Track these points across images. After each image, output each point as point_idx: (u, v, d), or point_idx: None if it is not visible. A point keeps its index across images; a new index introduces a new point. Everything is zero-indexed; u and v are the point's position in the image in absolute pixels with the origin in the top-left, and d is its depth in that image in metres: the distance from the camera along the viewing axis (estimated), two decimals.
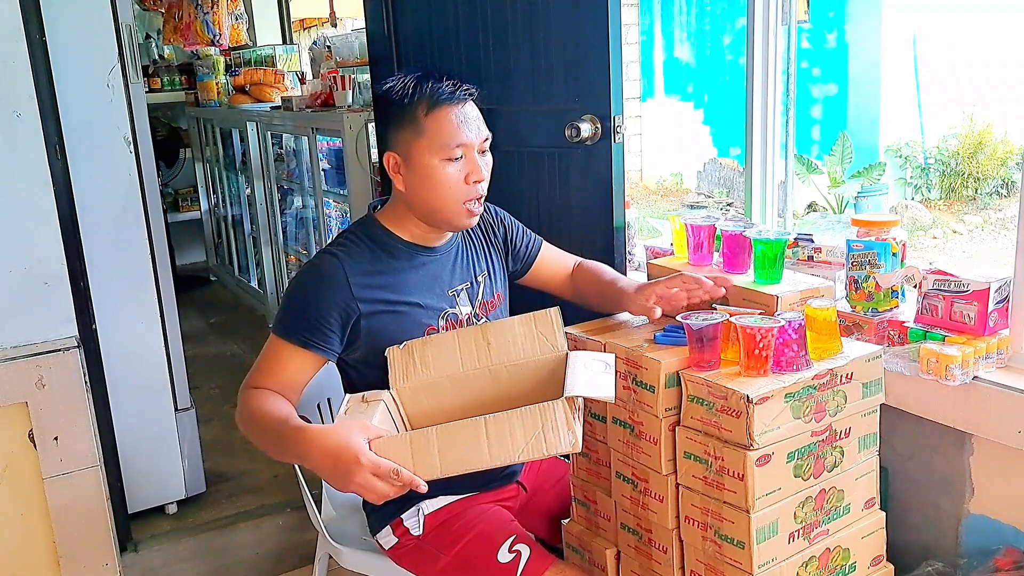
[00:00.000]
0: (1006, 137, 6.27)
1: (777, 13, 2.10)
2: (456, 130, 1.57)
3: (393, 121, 1.61)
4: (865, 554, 1.56)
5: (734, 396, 1.35)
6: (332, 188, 3.69)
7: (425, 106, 1.56)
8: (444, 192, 1.58)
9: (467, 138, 1.58)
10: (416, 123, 1.57)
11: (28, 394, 1.99)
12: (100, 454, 2.09)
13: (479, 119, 1.61)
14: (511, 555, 1.58)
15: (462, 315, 1.70)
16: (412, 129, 1.57)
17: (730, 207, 6.82)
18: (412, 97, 1.57)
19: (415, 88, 1.57)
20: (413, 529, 1.69)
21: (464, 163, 1.58)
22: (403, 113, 1.58)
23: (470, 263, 1.74)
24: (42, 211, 2.04)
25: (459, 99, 1.58)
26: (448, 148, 1.56)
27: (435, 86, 1.57)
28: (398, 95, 1.58)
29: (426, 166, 1.58)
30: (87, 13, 2.30)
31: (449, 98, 1.57)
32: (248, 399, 1.56)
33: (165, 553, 2.49)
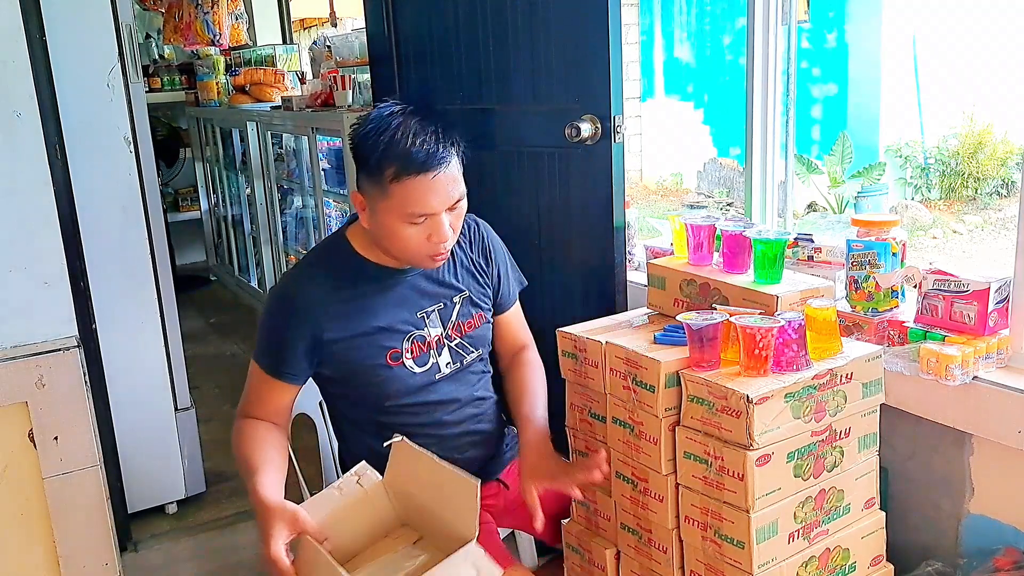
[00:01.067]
0: (1006, 137, 6.26)
1: (777, 13, 2.10)
2: (422, 201, 1.50)
3: (361, 169, 1.56)
4: (865, 554, 1.56)
5: (734, 396, 1.35)
6: (332, 188, 3.69)
7: (392, 172, 1.49)
8: (404, 246, 1.56)
9: (433, 208, 1.52)
10: (382, 185, 1.51)
11: (28, 394, 1.99)
12: (100, 454, 2.09)
13: (453, 181, 1.53)
14: None
15: (430, 337, 1.67)
16: (378, 188, 1.52)
17: (730, 207, 6.81)
18: (382, 157, 1.50)
19: (386, 148, 1.50)
20: None
21: (428, 224, 1.53)
22: (369, 167, 1.52)
23: (446, 283, 1.70)
24: (42, 211, 2.04)
25: (431, 168, 1.49)
26: (411, 215, 1.52)
27: (407, 150, 1.48)
28: (367, 149, 1.52)
29: (389, 224, 1.54)
30: (87, 13, 2.30)
31: (420, 168, 1.49)
32: (237, 431, 1.62)
33: (165, 553, 2.49)
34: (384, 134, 1.50)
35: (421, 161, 1.48)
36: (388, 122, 1.51)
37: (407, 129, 1.50)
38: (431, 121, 1.52)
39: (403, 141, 1.49)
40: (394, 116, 1.52)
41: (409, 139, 1.49)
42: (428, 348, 1.67)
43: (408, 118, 1.52)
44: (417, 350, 1.67)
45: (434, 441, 1.66)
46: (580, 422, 1.68)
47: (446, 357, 1.70)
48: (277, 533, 1.37)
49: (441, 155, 1.50)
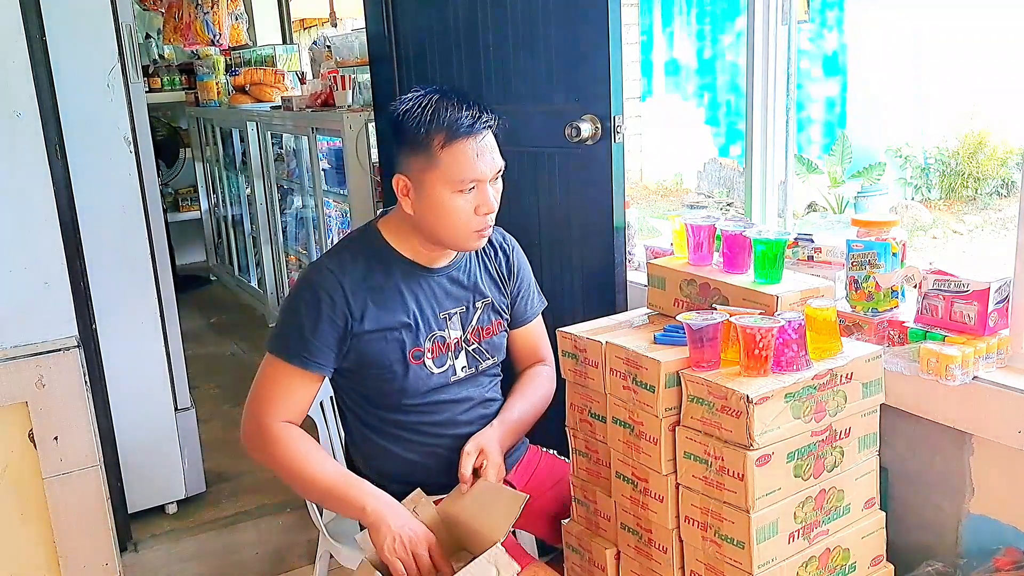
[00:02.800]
0: (1006, 137, 6.26)
1: (777, 13, 2.10)
2: (471, 165, 1.54)
3: (406, 146, 1.58)
4: (865, 554, 1.56)
5: (734, 396, 1.35)
6: (332, 188, 3.69)
7: (442, 138, 1.53)
8: (453, 221, 1.58)
9: (481, 172, 1.55)
10: (431, 154, 1.54)
11: (28, 394, 1.99)
12: (100, 454, 2.09)
13: (495, 149, 1.59)
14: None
15: (450, 339, 1.69)
16: (426, 159, 1.55)
17: (730, 207, 6.81)
18: (429, 127, 1.53)
19: (432, 117, 1.53)
20: None
21: (475, 195, 1.57)
22: (417, 141, 1.55)
23: (470, 288, 1.72)
24: (42, 211, 2.04)
25: (477, 131, 1.54)
26: (461, 182, 1.55)
27: (454, 117, 1.53)
28: (414, 122, 1.54)
29: (437, 196, 1.56)
30: (87, 13, 2.30)
31: (468, 131, 1.53)
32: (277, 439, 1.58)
33: (165, 553, 2.49)
34: (428, 107, 1.54)
35: (469, 124, 1.53)
36: (430, 96, 1.56)
37: (450, 100, 1.55)
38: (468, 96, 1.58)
39: (449, 109, 1.54)
40: (435, 91, 1.57)
41: (456, 105, 1.54)
42: (447, 350, 1.69)
43: (447, 92, 1.57)
44: (437, 350, 1.68)
45: (444, 440, 1.67)
46: (580, 422, 1.68)
47: (462, 361, 1.71)
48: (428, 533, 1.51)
49: (486, 120, 1.56)
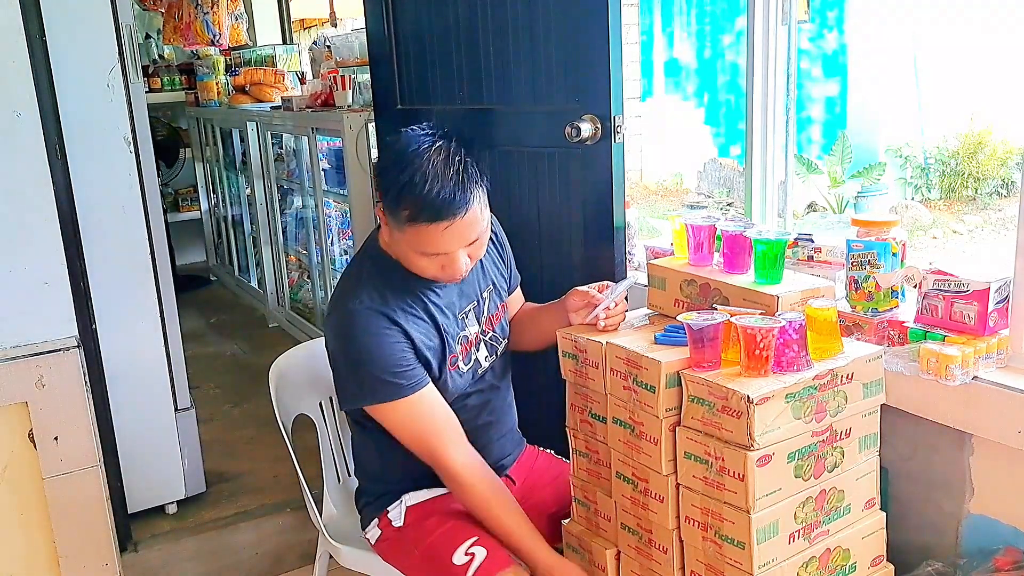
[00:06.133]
0: (1006, 137, 6.26)
1: (777, 13, 2.09)
2: (435, 243, 1.50)
3: (380, 190, 1.53)
4: (865, 554, 1.56)
5: (735, 396, 1.35)
6: (332, 188, 3.69)
7: (407, 214, 1.47)
8: (419, 271, 1.57)
9: (448, 249, 1.51)
10: (398, 219, 1.49)
11: (28, 394, 1.99)
12: (100, 454, 2.09)
13: (470, 225, 1.50)
14: (466, 557, 1.58)
15: (471, 336, 1.71)
16: (394, 219, 1.50)
17: (730, 207, 6.81)
18: (400, 195, 1.46)
19: (403, 188, 1.45)
20: (395, 521, 1.72)
21: (443, 258, 1.53)
22: (387, 201, 1.50)
23: (475, 280, 1.73)
24: (42, 211, 2.04)
25: (444, 218, 1.46)
26: (427, 254, 1.52)
27: (422, 198, 1.44)
28: (387, 181, 1.49)
29: (403, 250, 1.54)
30: (87, 13, 2.30)
31: (435, 217, 1.45)
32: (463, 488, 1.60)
33: (165, 553, 2.49)
34: (404, 172, 1.46)
35: (436, 209, 1.45)
36: (411, 159, 1.47)
37: (427, 171, 1.45)
38: (455, 159, 1.47)
39: (421, 185, 1.44)
40: (417, 154, 1.47)
41: (428, 184, 1.44)
42: (470, 346, 1.70)
43: (432, 156, 1.47)
44: (463, 351, 1.69)
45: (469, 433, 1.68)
46: (581, 423, 1.68)
47: (483, 351, 1.73)
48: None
49: (459, 203, 1.46)
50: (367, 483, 1.81)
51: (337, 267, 3.89)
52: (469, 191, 1.48)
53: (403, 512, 1.71)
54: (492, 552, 1.59)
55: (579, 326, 1.67)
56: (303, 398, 1.99)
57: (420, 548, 1.66)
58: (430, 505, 1.71)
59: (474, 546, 1.60)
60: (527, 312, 1.87)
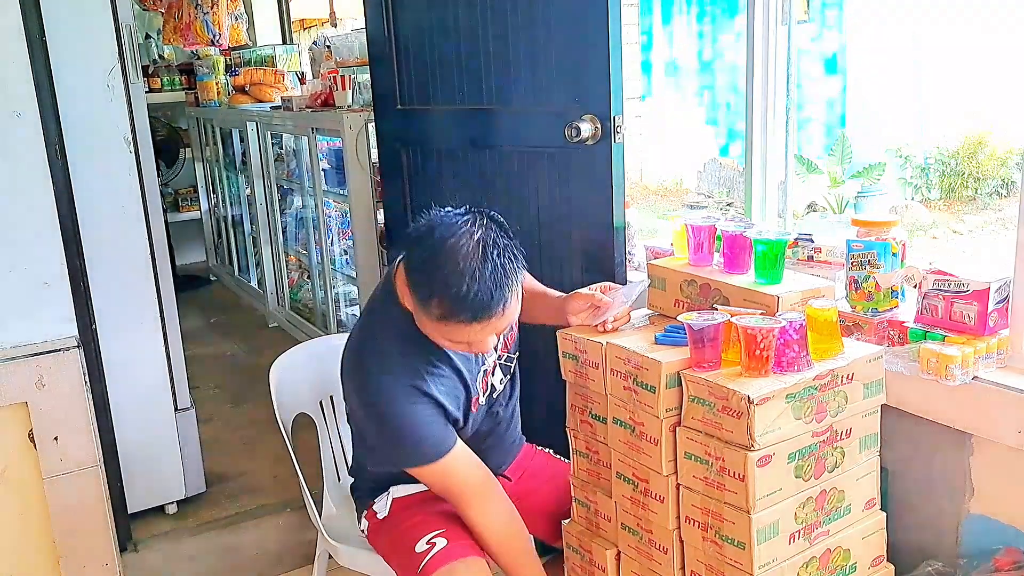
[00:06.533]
0: (1006, 137, 6.26)
1: (777, 13, 2.09)
2: (467, 336, 1.45)
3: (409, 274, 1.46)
4: (865, 555, 1.56)
5: (735, 396, 1.35)
6: (332, 188, 3.69)
7: (439, 313, 1.41)
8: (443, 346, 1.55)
9: (480, 340, 1.47)
10: (428, 311, 1.43)
11: (28, 394, 1.99)
12: (100, 454, 2.09)
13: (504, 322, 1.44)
14: (427, 546, 1.60)
15: (489, 366, 1.70)
16: (424, 308, 1.44)
17: (730, 207, 6.81)
18: (429, 295, 1.41)
19: (435, 289, 1.39)
20: (380, 512, 1.73)
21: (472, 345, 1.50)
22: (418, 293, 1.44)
23: None
24: (42, 211, 2.04)
25: (478, 320, 1.41)
26: (454, 342, 1.49)
27: (457, 300, 1.37)
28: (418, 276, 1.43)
29: (429, 333, 1.50)
30: (87, 13, 2.30)
31: (468, 320, 1.40)
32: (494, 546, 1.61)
33: (165, 553, 2.49)
34: (439, 271, 1.39)
35: (472, 312, 1.39)
36: (447, 253, 1.39)
37: (464, 270, 1.38)
38: (493, 252, 1.40)
39: (456, 285, 1.37)
40: (455, 249, 1.39)
41: (464, 284, 1.37)
42: (488, 376, 1.70)
43: (469, 251, 1.39)
44: (483, 386, 1.69)
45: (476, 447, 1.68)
46: (581, 423, 1.68)
47: (499, 375, 1.73)
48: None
49: (496, 303, 1.40)
50: (359, 477, 1.82)
51: (337, 267, 3.89)
52: (507, 288, 1.41)
53: (389, 503, 1.73)
54: (452, 543, 1.60)
55: (579, 327, 1.67)
56: (303, 398, 1.99)
57: (394, 535, 1.70)
58: (414, 498, 1.73)
59: (437, 536, 1.61)
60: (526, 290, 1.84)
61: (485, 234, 1.42)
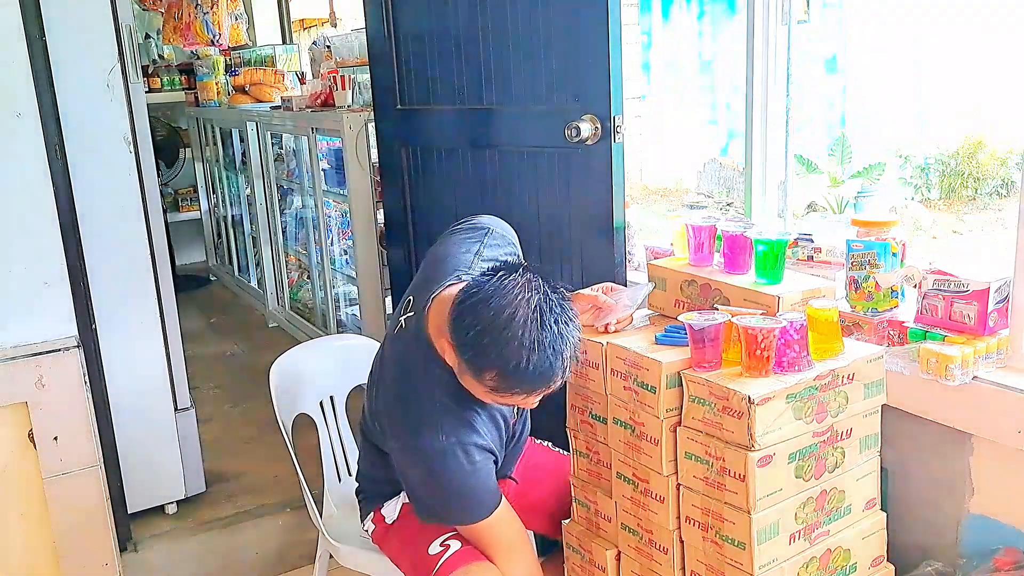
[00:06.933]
0: (1006, 137, 6.26)
1: (777, 13, 2.10)
2: (516, 402, 1.45)
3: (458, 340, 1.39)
4: (866, 555, 1.56)
5: (735, 397, 1.35)
6: (332, 188, 3.69)
7: (493, 383, 1.38)
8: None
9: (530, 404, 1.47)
10: (480, 379, 1.39)
11: (28, 394, 1.99)
12: (100, 454, 2.09)
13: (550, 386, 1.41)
14: (440, 548, 1.60)
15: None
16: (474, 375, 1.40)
17: (730, 207, 6.81)
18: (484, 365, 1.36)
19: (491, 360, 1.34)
20: (389, 516, 1.73)
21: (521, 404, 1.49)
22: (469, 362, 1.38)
23: None
24: (42, 211, 2.04)
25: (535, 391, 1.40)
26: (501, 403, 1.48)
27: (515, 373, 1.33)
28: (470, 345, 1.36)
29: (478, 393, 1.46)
30: (87, 13, 2.30)
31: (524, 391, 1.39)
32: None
33: (165, 553, 2.49)
34: (495, 344, 1.33)
35: (530, 382, 1.36)
36: (503, 324, 1.32)
37: (523, 341, 1.32)
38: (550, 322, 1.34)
39: (515, 359, 1.32)
40: (513, 319, 1.33)
41: (524, 357, 1.32)
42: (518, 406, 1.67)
43: (527, 320, 1.32)
44: (516, 411, 1.68)
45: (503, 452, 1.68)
46: (581, 423, 1.68)
47: None
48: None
49: (555, 374, 1.36)
50: (367, 480, 1.81)
51: (337, 267, 3.89)
52: (565, 353, 1.37)
53: (399, 507, 1.73)
54: (467, 545, 1.60)
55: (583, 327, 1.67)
56: (303, 398, 1.99)
57: (405, 538, 1.69)
58: None
59: (451, 538, 1.62)
60: None
61: (541, 298, 1.35)
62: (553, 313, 1.35)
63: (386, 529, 1.73)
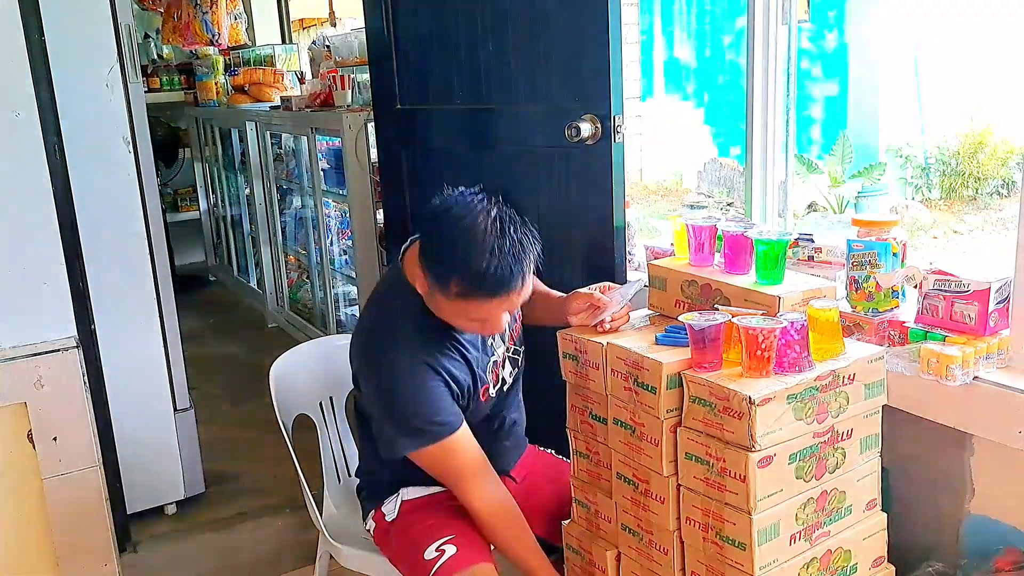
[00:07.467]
0: (1006, 137, 6.26)
1: (777, 13, 2.09)
2: (483, 313, 1.47)
3: (426, 256, 1.47)
4: (866, 555, 1.56)
5: (736, 397, 1.35)
6: (331, 188, 3.69)
7: (458, 289, 1.43)
8: (457, 328, 1.56)
9: (496, 316, 1.49)
10: (446, 290, 1.44)
11: (27, 394, 1.98)
12: (99, 454, 2.09)
13: (520, 296, 1.47)
14: (436, 553, 1.60)
15: (499, 358, 1.71)
16: (440, 288, 1.45)
17: (730, 207, 6.80)
18: (451, 268, 1.42)
19: (454, 266, 1.41)
20: (389, 514, 1.73)
21: (487, 323, 1.51)
22: (435, 272, 1.45)
23: None
24: (42, 211, 2.04)
25: (498, 295, 1.43)
26: (470, 321, 1.50)
27: (477, 275, 1.39)
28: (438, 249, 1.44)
29: (445, 312, 1.51)
30: (86, 13, 2.30)
31: (488, 294, 1.42)
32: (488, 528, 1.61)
33: (164, 553, 2.49)
34: (458, 246, 1.41)
35: (492, 286, 1.42)
36: (465, 231, 1.41)
37: (484, 246, 1.40)
38: (511, 229, 1.42)
39: (476, 262, 1.39)
40: (474, 225, 1.41)
41: (485, 260, 1.39)
42: (499, 369, 1.70)
43: (488, 228, 1.41)
44: (494, 378, 1.70)
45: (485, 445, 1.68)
46: (581, 424, 1.68)
47: (508, 368, 1.74)
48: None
49: (515, 278, 1.42)
50: (367, 478, 1.82)
51: (336, 267, 3.89)
52: (525, 263, 1.43)
53: (398, 505, 1.73)
54: (461, 549, 1.60)
55: (580, 327, 1.66)
56: (303, 398, 1.99)
57: (403, 540, 1.69)
58: (424, 501, 1.73)
59: (447, 543, 1.61)
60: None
61: (501, 211, 1.44)
62: (514, 223, 1.44)
63: (386, 527, 1.73)
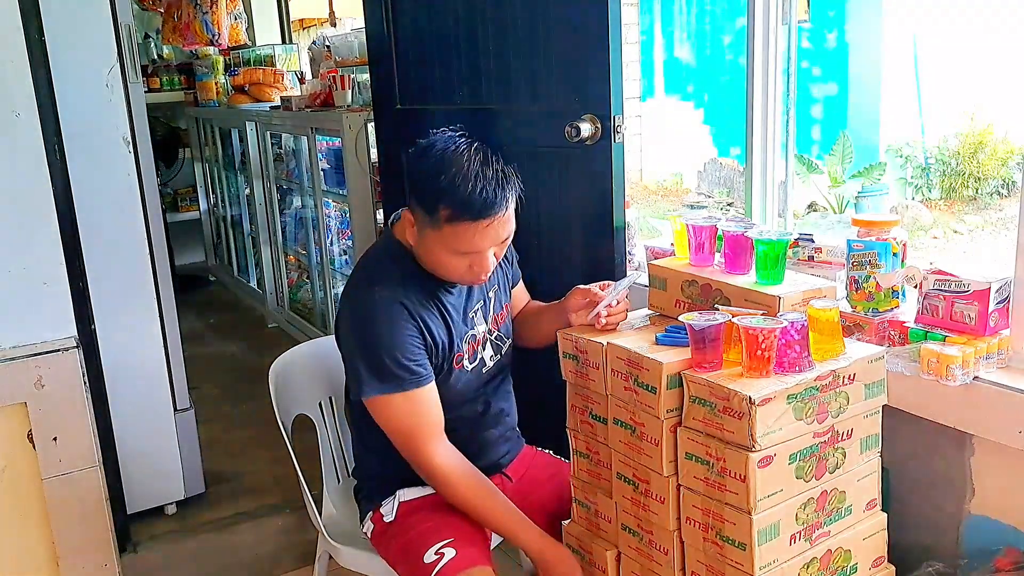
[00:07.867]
0: (1007, 137, 6.26)
1: (777, 13, 2.09)
2: (473, 242, 1.51)
3: (414, 195, 1.54)
4: (866, 555, 1.56)
5: (736, 397, 1.35)
6: (331, 188, 3.69)
7: (448, 213, 1.48)
8: (445, 272, 1.58)
9: (482, 248, 1.53)
10: (435, 219, 1.50)
11: (27, 394, 1.98)
12: (99, 455, 2.08)
13: (505, 224, 1.53)
14: (435, 556, 1.60)
15: (479, 334, 1.71)
16: (429, 220, 1.51)
17: (730, 207, 6.81)
18: (439, 196, 1.48)
19: (444, 189, 1.47)
20: (387, 516, 1.73)
21: (473, 257, 1.54)
22: (424, 199, 1.51)
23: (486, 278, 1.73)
24: (41, 211, 2.04)
25: (485, 216, 1.48)
26: (458, 251, 1.53)
27: (466, 196, 1.46)
28: (425, 183, 1.50)
29: (434, 251, 1.55)
30: (86, 13, 2.29)
31: (477, 216, 1.48)
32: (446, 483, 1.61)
33: (164, 554, 2.49)
34: (444, 174, 1.47)
35: (478, 208, 1.47)
36: (449, 160, 1.48)
37: (468, 172, 1.47)
38: (493, 159, 1.50)
39: (462, 186, 1.46)
40: (457, 154, 1.49)
41: (469, 184, 1.46)
42: (477, 345, 1.71)
43: (471, 157, 1.49)
44: (470, 350, 1.70)
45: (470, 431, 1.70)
46: (581, 424, 1.68)
47: (489, 351, 1.74)
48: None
49: (499, 201, 1.49)
50: (365, 479, 1.82)
51: (336, 267, 3.89)
52: (508, 189, 1.51)
53: (396, 507, 1.73)
54: (460, 552, 1.60)
55: (580, 327, 1.66)
56: (303, 398, 1.98)
57: (401, 543, 1.69)
58: (421, 502, 1.73)
59: (446, 547, 1.61)
60: (531, 310, 1.88)
61: (483, 146, 1.52)
62: (496, 156, 1.51)
63: (384, 529, 1.73)
